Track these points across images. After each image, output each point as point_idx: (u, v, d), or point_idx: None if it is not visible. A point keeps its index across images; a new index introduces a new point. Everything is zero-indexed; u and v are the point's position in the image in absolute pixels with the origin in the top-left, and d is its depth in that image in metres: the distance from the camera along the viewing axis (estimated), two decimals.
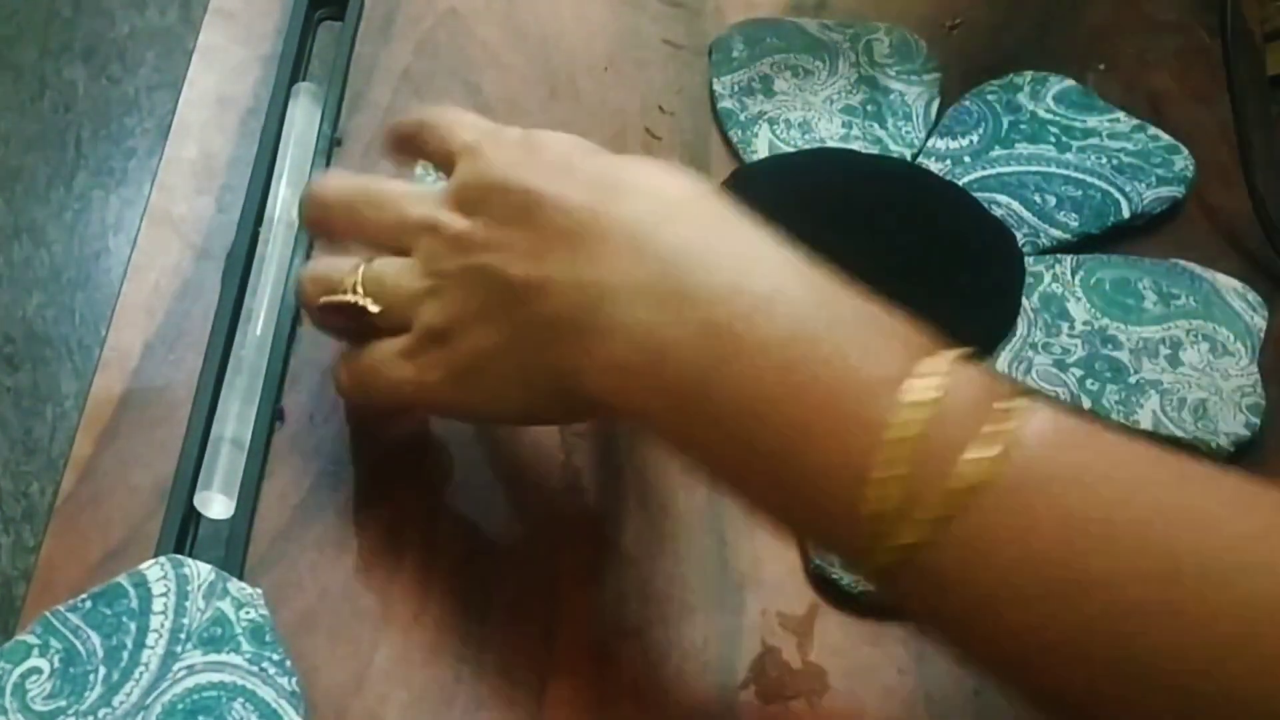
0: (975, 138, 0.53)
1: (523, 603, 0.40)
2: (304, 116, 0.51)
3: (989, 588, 0.29)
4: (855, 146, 0.52)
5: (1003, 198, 0.51)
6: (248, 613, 0.38)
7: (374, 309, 0.38)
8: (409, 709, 0.38)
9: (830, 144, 0.52)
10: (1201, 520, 0.29)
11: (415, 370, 0.37)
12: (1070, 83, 0.55)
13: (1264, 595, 0.28)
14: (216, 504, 0.41)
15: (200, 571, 0.38)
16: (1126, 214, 0.50)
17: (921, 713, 0.40)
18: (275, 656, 0.37)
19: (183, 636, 0.37)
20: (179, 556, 0.38)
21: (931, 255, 0.49)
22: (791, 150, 0.52)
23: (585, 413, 0.35)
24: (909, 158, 0.52)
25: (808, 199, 0.51)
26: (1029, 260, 0.49)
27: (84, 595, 0.37)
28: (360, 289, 0.38)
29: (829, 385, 0.31)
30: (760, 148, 0.52)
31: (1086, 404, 0.45)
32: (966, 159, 0.52)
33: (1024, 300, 0.48)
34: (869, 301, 0.33)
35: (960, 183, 0.51)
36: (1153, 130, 0.53)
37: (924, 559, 0.30)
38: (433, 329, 0.36)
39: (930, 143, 0.53)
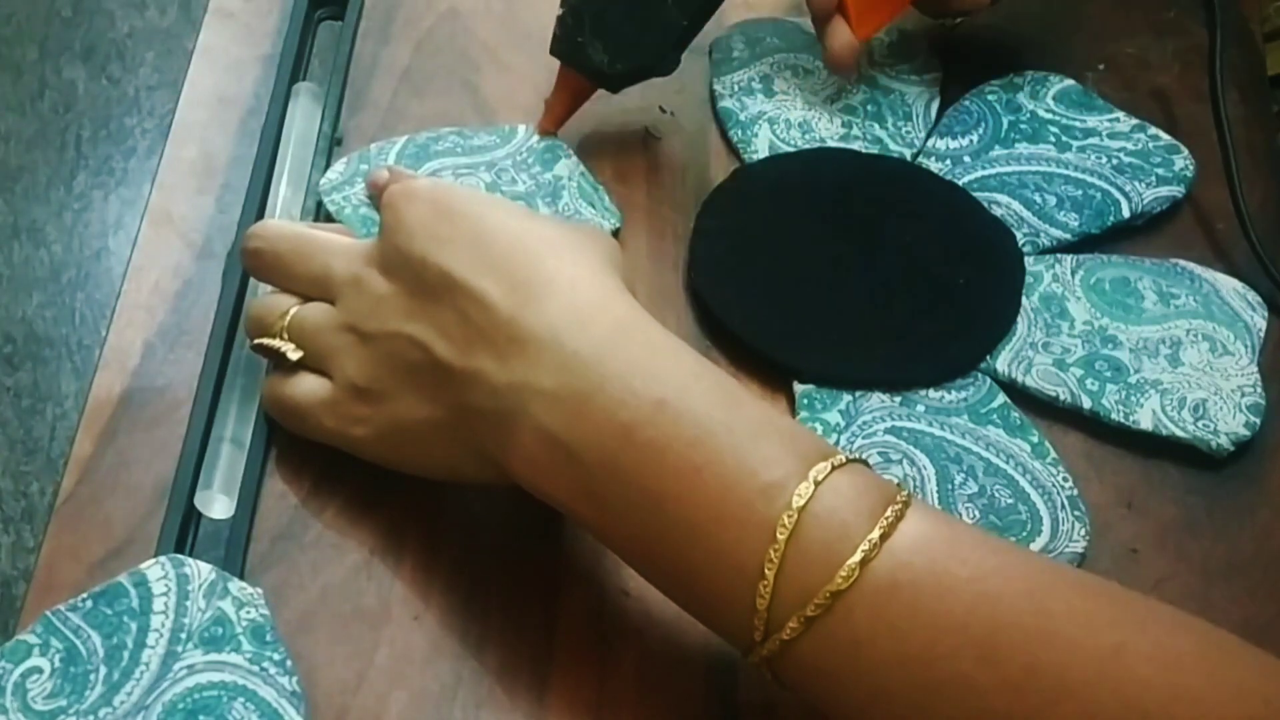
0: (975, 138, 0.53)
1: (523, 603, 0.40)
2: (304, 116, 0.51)
3: (858, 682, 0.32)
4: (855, 146, 0.52)
5: (1003, 198, 0.51)
6: (248, 612, 0.38)
7: (294, 356, 0.41)
8: (409, 709, 0.38)
9: (830, 144, 0.52)
10: (1052, 636, 0.31)
11: (338, 424, 0.40)
12: (1070, 83, 0.55)
13: (1111, 710, 0.30)
14: (217, 504, 0.41)
15: (201, 571, 0.38)
16: (1126, 214, 0.50)
17: None
18: (276, 656, 0.37)
19: (183, 636, 0.37)
20: (179, 556, 0.38)
21: (931, 255, 0.49)
22: (791, 150, 0.52)
23: (507, 482, 0.37)
24: (909, 158, 0.52)
25: (808, 199, 0.51)
26: (1029, 260, 0.49)
27: (84, 595, 0.37)
28: (285, 334, 0.41)
29: (726, 487, 0.33)
30: (760, 148, 0.52)
31: (1087, 404, 0.45)
32: (966, 159, 0.52)
33: (1024, 300, 0.48)
34: (761, 405, 0.35)
35: (960, 183, 0.51)
36: (1153, 130, 0.53)
37: (801, 651, 0.32)
38: (354, 385, 0.39)
39: (930, 143, 0.53)
